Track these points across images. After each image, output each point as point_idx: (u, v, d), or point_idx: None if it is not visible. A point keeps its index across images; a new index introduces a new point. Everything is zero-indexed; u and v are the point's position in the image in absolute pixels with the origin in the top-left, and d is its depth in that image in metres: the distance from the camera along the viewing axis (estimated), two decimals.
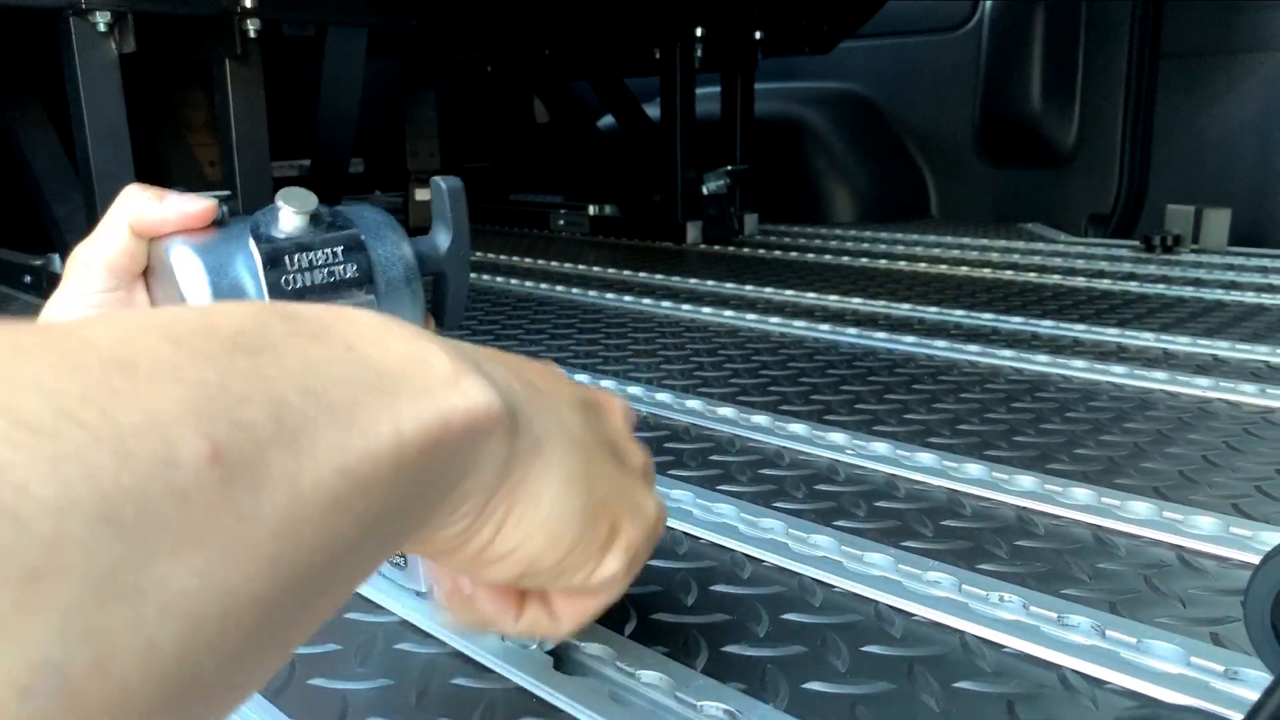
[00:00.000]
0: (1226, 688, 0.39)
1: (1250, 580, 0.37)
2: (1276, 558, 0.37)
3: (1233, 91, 1.68)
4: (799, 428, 0.71)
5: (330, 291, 0.48)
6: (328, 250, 0.48)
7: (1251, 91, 1.66)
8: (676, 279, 1.37)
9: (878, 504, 0.58)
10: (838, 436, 0.69)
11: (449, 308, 0.56)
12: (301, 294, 0.47)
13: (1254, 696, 0.35)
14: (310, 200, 0.47)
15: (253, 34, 1.14)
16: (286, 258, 0.47)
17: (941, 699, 0.39)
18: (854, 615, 0.46)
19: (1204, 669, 0.40)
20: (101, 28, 1.04)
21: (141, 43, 1.08)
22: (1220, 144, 1.69)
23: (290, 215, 0.47)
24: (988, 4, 1.94)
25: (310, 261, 0.47)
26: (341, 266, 0.48)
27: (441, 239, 0.55)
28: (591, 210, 1.92)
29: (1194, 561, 0.50)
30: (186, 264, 0.46)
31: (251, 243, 0.46)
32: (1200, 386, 0.80)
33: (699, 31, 1.67)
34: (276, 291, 0.46)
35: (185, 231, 0.47)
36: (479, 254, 1.68)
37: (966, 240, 1.65)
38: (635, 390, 0.82)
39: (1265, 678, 0.38)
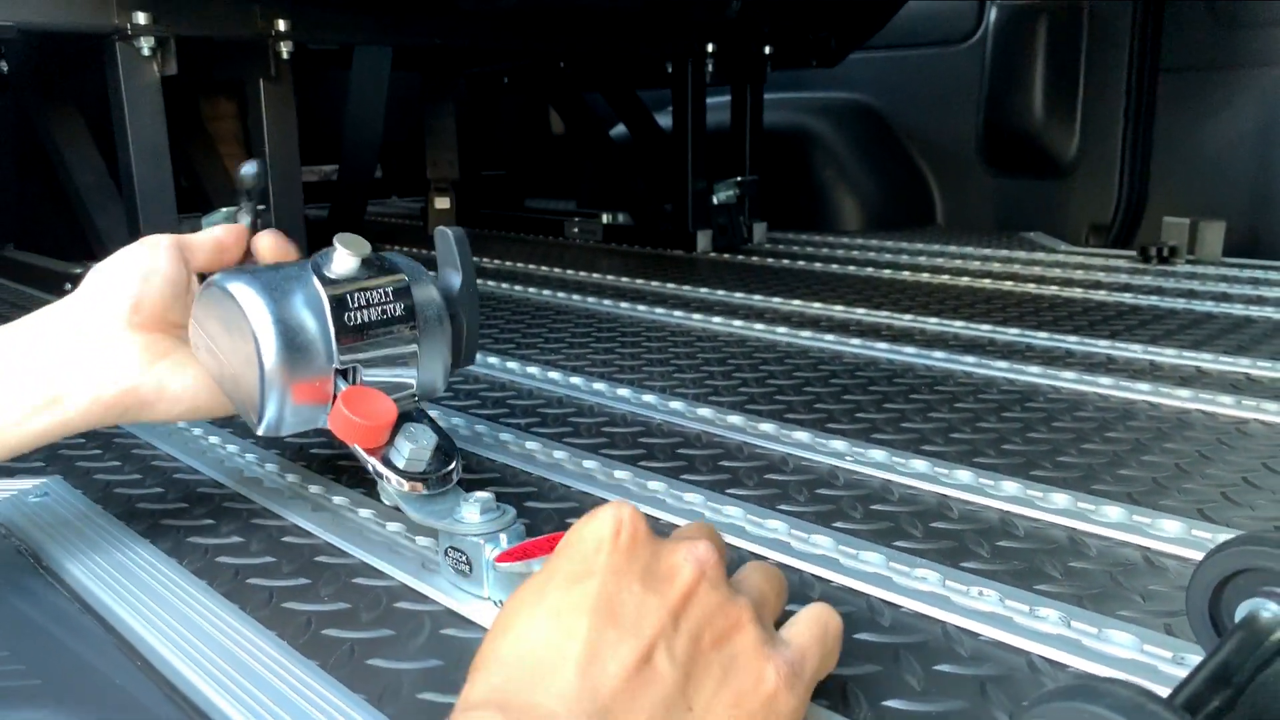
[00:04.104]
0: (1173, 671, 0.44)
1: (1194, 573, 0.42)
2: (1218, 554, 0.42)
3: (1231, 106, 1.72)
4: (802, 435, 0.77)
5: (383, 327, 0.53)
6: (381, 290, 0.53)
7: (1249, 106, 1.71)
8: (688, 288, 1.42)
9: (873, 507, 0.64)
10: (838, 444, 0.75)
11: (465, 345, 0.61)
12: (361, 329, 0.52)
13: None
14: (364, 245, 0.53)
15: (285, 56, 1.20)
16: (349, 295, 0.52)
17: (922, 680, 0.44)
18: (848, 607, 0.51)
19: (1155, 655, 0.45)
20: (145, 52, 1.10)
21: (180, 63, 1.14)
22: (1218, 157, 1.74)
23: (347, 257, 0.52)
24: (992, 18, 1.99)
25: (368, 300, 0.53)
26: (393, 305, 0.54)
27: (453, 280, 0.60)
28: (605, 218, 1.98)
29: (1157, 561, 0.56)
30: (251, 300, 0.51)
31: (316, 281, 0.52)
32: (1181, 398, 0.85)
33: (710, 47, 1.72)
34: (341, 327, 0.52)
35: (238, 268, 0.52)
36: (496, 261, 1.73)
37: (969, 250, 1.70)
38: (650, 399, 0.87)
39: None
